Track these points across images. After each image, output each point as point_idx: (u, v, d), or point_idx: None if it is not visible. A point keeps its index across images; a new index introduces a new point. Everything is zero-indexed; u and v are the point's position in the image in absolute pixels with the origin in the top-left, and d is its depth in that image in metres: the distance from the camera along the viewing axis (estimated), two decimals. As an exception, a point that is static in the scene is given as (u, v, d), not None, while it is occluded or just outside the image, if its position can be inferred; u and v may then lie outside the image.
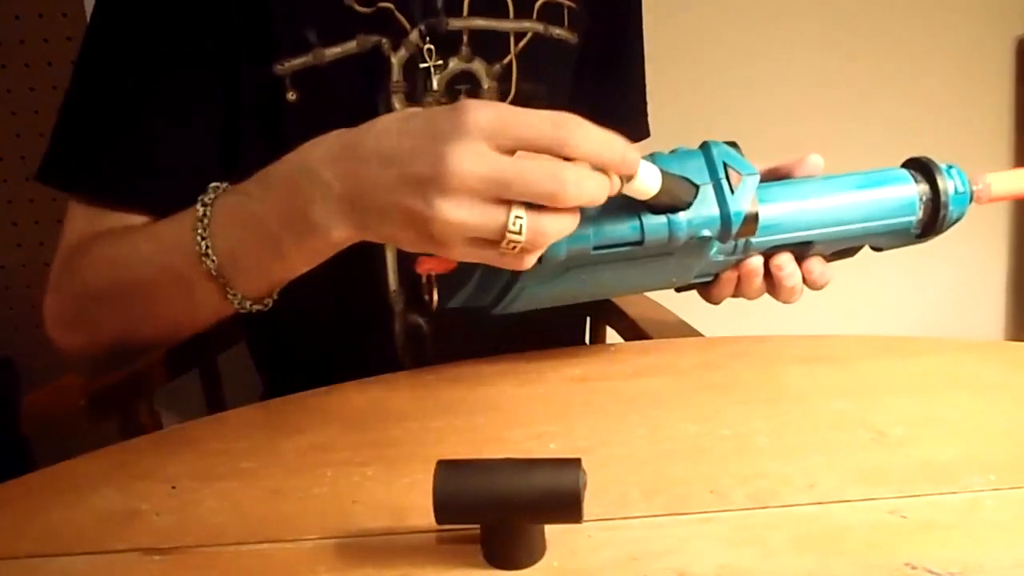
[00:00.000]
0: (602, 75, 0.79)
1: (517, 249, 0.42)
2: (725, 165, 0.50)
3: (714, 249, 0.53)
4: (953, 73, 1.38)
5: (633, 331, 0.84)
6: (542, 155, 0.41)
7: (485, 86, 0.69)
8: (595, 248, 0.49)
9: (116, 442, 0.51)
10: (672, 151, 0.51)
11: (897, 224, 0.56)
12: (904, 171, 0.57)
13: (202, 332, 0.58)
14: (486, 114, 0.40)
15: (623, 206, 0.48)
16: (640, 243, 0.49)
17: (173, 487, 0.44)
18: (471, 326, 0.64)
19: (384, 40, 0.66)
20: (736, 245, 0.54)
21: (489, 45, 0.69)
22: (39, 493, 0.44)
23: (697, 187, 0.49)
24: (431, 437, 0.49)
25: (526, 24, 0.70)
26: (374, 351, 0.70)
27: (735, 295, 0.59)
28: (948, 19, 1.35)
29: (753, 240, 0.54)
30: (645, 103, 0.85)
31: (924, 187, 0.56)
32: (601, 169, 0.42)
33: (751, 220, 0.51)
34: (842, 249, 0.58)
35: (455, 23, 0.68)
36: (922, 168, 0.57)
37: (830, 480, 0.42)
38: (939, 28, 1.34)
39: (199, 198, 0.51)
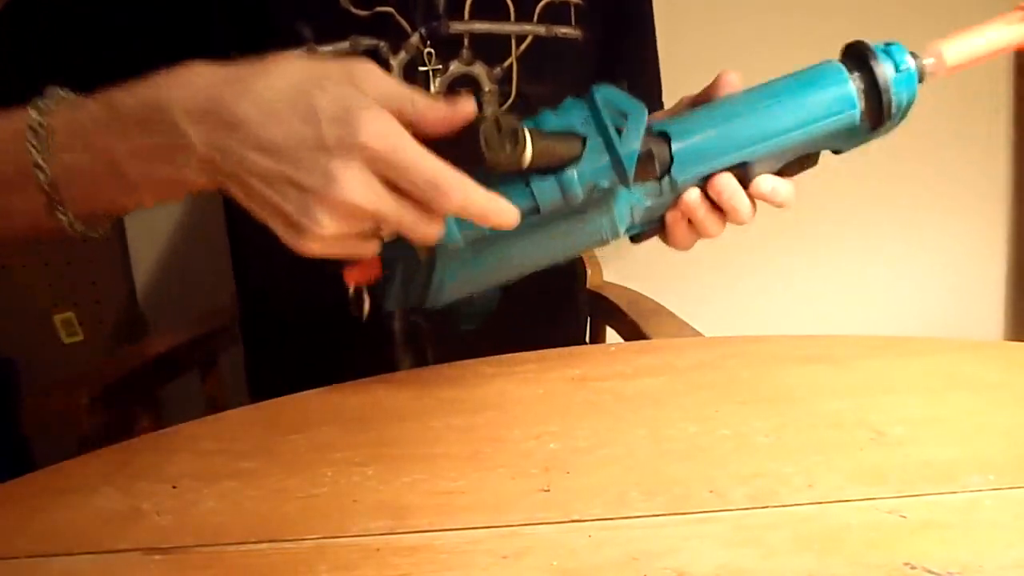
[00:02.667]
0: (614, 63, 0.79)
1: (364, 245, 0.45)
2: (610, 106, 0.48)
3: (636, 195, 0.51)
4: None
5: (633, 331, 0.84)
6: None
7: (486, 88, 0.69)
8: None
9: (116, 442, 0.51)
10: (558, 106, 0.49)
11: (838, 122, 0.52)
12: (833, 63, 0.53)
13: (34, 241, 0.51)
14: (378, 142, 0.40)
15: (509, 180, 0.46)
16: (537, 210, 0.47)
17: (174, 487, 0.44)
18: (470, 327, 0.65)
19: (382, 43, 0.66)
20: (661, 186, 0.51)
21: (490, 48, 0.69)
22: (39, 493, 0.44)
23: (584, 138, 0.47)
24: (431, 437, 0.49)
25: (527, 27, 0.70)
26: (373, 351, 0.70)
27: (699, 236, 0.56)
28: (948, 19, 1.35)
29: (678, 177, 0.51)
30: (660, 89, 0.85)
31: (859, 76, 0.52)
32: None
33: (647, 158, 0.49)
34: (793, 161, 0.54)
35: (456, 27, 0.68)
36: (857, 55, 0.52)
37: (829, 480, 0.42)
38: (939, 28, 1.34)
39: (33, 100, 0.46)
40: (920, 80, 0.52)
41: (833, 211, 1.34)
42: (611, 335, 0.96)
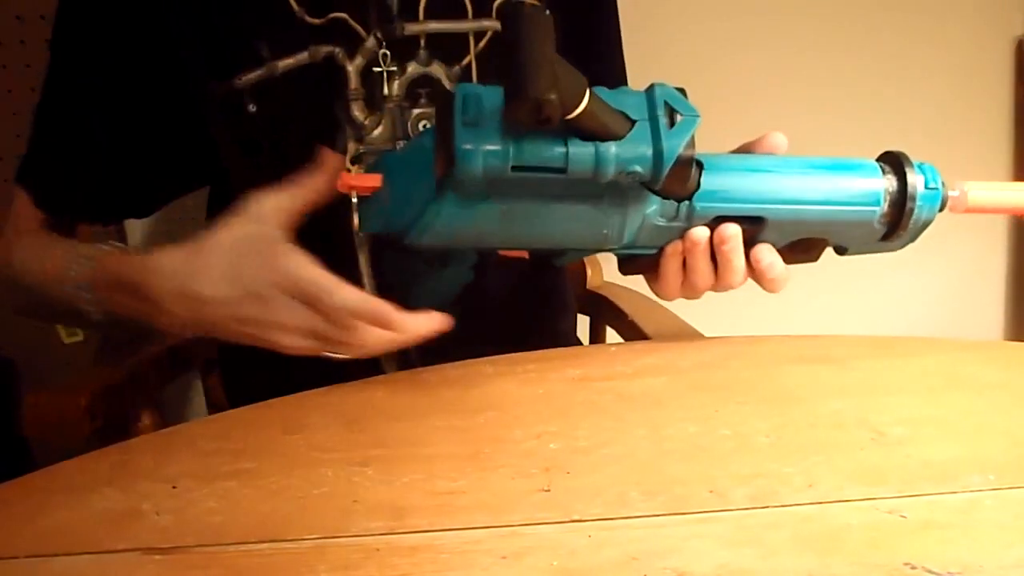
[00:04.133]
0: (578, 63, 0.78)
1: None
2: (667, 104, 0.48)
3: (652, 207, 0.51)
4: (953, 73, 1.38)
5: (633, 331, 0.84)
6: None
7: (448, 87, 0.69)
8: (514, 168, 0.46)
9: (116, 442, 0.51)
10: (615, 88, 0.49)
11: (858, 214, 0.53)
12: (872, 161, 0.55)
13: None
14: (294, 285, 0.51)
15: (551, 132, 0.46)
16: (563, 170, 0.47)
17: (173, 487, 0.44)
18: (456, 325, 0.65)
19: (338, 50, 0.66)
20: (678, 210, 0.52)
21: (448, 47, 0.69)
22: (39, 493, 0.44)
23: (633, 122, 0.47)
24: (431, 437, 0.49)
25: (485, 23, 0.70)
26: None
27: (685, 285, 0.57)
28: (948, 19, 1.35)
29: (696, 205, 0.52)
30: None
31: (891, 179, 0.54)
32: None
33: (685, 164, 0.48)
34: (800, 243, 0.55)
35: (411, 27, 0.67)
36: (893, 162, 0.54)
37: (830, 480, 0.42)
38: (939, 28, 1.34)
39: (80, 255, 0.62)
40: (941, 207, 0.54)
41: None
42: (611, 335, 0.96)
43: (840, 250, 0.57)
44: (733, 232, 0.53)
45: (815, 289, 1.37)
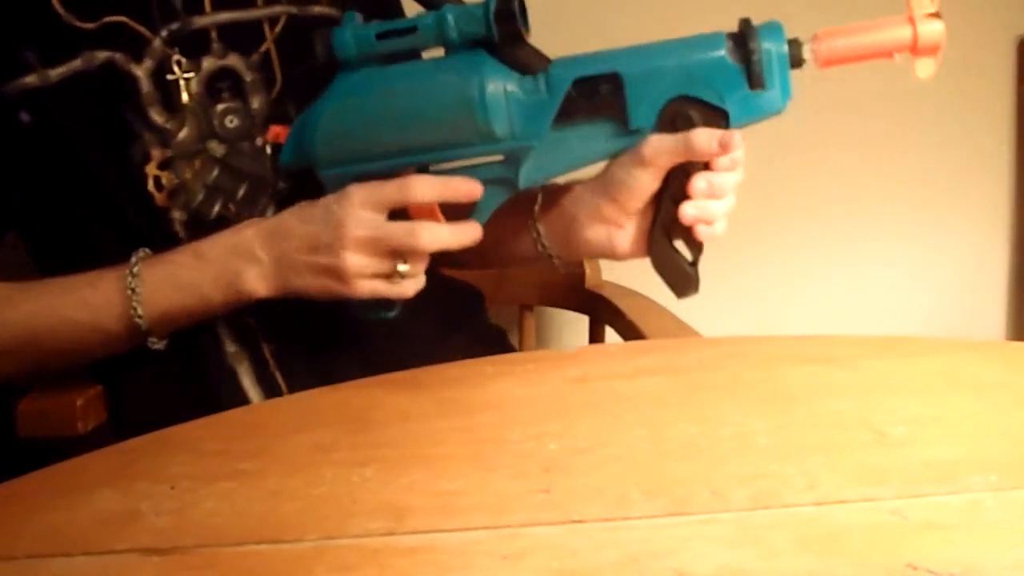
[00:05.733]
0: None
1: (400, 283, 0.59)
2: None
3: (510, 82, 0.56)
4: (953, 73, 1.37)
5: (633, 331, 0.84)
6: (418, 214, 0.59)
7: (248, 79, 0.67)
8: (377, 36, 0.57)
9: (114, 443, 0.51)
10: None
11: (704, 49, 0.56)
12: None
13: None
14: (360, 192, 0.57)
15: None
16: (414, 29, 0.56)
17: (172, 488, 0.44)
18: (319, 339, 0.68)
19: (118, 55, 0.63)
20: (536, 83, 0.56)
21: (242, 37, 0.67)
22: (39, 493, 0.44)
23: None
24: (431, 437, 0.49)
25: (277, 8, 0.68)
26: (206, 364, 0.68)
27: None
28: (948, 19, 1.34)
29: (552, 72, 0.56)
30: None
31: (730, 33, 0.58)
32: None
33: (507, 14, 0.55)
34: (683, 116, 0.57)
35: (199, 21, 0.65)
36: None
37: (831, 480, 0.42)
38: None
39: (127, 270, 0.61)
40: (797, 59, 0.58)
41: (834, 211, 1.34)
42: (611, 335, 0.96)
43: (724, 117, 0.57)
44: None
45: (816, 289, 1.37)
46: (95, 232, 0.67)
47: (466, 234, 0.59)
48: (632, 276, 0.91)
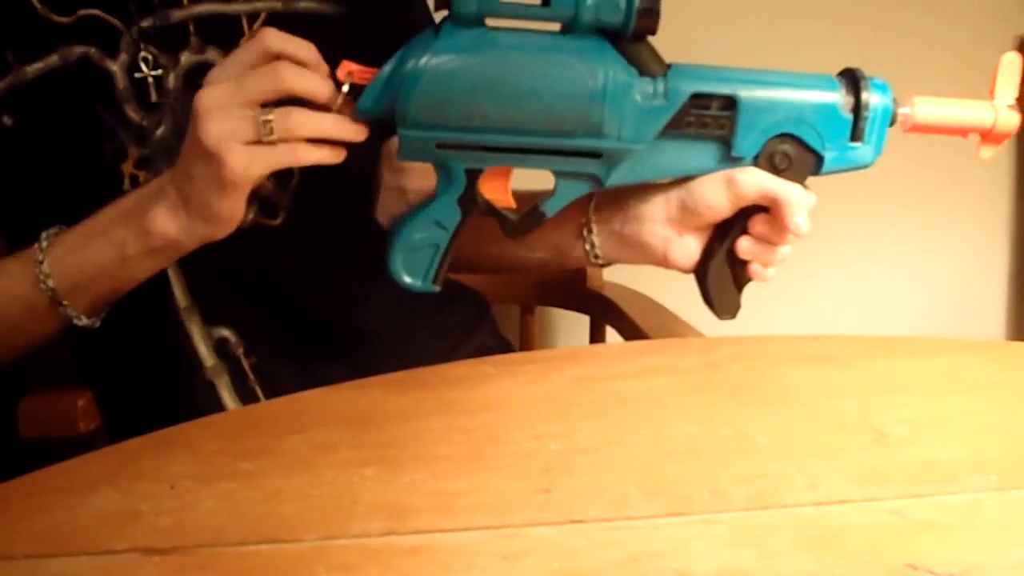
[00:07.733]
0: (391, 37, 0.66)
1: (276, 137, 0.51)
2: None
3: (631, 82, 0.54)
4: (953, 72, 1.37)
5: (633, 331, 0.84)
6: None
7: None
8: (502, 2, 0.52)
9: (114, 443, 0.51)
10: None
11: (819, 92, 0.57)
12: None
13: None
14: (213, 71, 0.52)
15: None
16: (548, 2, 0.52)
17: (172, 487, 0.44)
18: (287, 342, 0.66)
19: (93, 49, 0.62)
20: (655, 87, 0.54)
21: (221, 31, 0.64)
22: (38, 493, 0.44)
23: None
24: (431, 437, 0.49)
25: (259, 4, 0.65)
26: (183, 376, 0.66)
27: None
28: (948, 18, 1.35)
29: (671, 82, 0.54)
30: None
31: (843, 81, 0.58)
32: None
33: (650, 10, 0.52)
34: (782, 156, 0.57)
35: (177, 14, 0.63)
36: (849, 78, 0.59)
37: (831, 480, 0.42)
38: (939, 27, 1.34)
39: (42, 234, 0.59)
40: (893, 120, 0.58)
41: (834, 211, 1.34)
42: (611, 335, 0.96)
43: (818, 163, 0.58)
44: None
45: (816, 289, 1.37)
46: None
47: (349, 128, 0.52)
48: (633, 276, 0.91)
